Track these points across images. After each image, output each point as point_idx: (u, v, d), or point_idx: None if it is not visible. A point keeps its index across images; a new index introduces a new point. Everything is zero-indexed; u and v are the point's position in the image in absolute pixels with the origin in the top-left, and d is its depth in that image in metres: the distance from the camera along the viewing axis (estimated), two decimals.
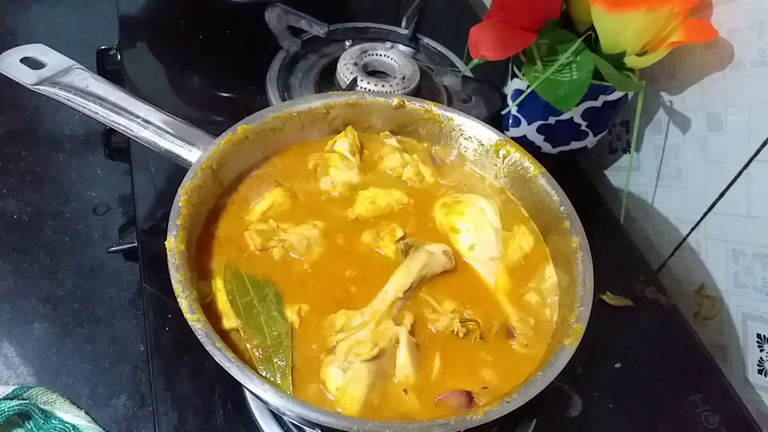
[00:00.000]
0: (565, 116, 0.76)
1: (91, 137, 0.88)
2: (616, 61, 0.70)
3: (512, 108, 0.78)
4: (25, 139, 0.87)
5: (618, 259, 0.75)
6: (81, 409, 0.62)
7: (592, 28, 0.70)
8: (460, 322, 0.51)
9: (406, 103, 0.64)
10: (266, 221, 0.56)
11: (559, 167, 0.61)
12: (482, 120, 0.64)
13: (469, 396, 0.47)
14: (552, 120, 0.77)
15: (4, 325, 0.68)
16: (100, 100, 0.61)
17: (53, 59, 0.64)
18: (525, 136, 0.80)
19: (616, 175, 0.87)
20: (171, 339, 0.60)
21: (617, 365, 0.65)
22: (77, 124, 0.89)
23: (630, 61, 0.69)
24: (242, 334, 0.48)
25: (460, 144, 0.65)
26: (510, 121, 0.81)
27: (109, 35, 0.91)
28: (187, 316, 0.44)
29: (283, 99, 0.82)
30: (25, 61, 0.63)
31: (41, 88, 0.62)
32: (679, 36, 0.65)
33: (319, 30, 0.88)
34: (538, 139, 0.81)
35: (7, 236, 0.76)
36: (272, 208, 0.57)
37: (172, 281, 0.46)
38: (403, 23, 0.96)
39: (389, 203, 0.60)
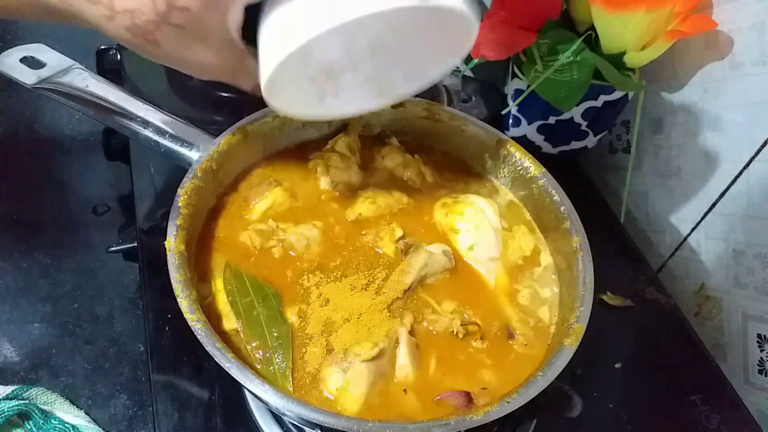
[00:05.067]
0: (565, 116, 0.76)
1: (90, 137, 0.88)
2: (617, 60, 0.69)
3: (512, 108, 0.78)
4: (25, 139, 0.87)
5: (618, 259, 0.75)
6: (81, 409, 0.62)
7: (593, 27, 0.69)
8: (462, 324, 0.51)
9: (406, 102, 0.64)
10: (266, 221, 0.56)
11: (560, 167, 0.61)
12: (482, 120, 0.64)
13: (468, 396, 0.47)
14: (552, 120, 0.77)
15: (4, 325, 0.68)
16: (100, 99, 0.61)
17: (53, 59, 0.64)
18: (525, 135, 0.80)
19: (617, 174, 0.87)
20: (171, 339, 0.60)
21: (617, 365, 0.65)
22: (77, 124, 0.89)
23: (630, 58, 0.69)
24: (242, 335, 0.48)
25: (460, 144, 0.65)
26: (510, 121, 0.81)
27: None
28: (187, 316, 0.44)
29: None
30: (24, 60, 0.63)
31: (41, 87, 0.61)
32: (678, 27, 0.65)
33: None
34: (539, 139, 0.81)
35: (7, 236, 0.76)
36: (272, 208, 0.57)
37: (172, 281, 0.46)
38: None
39: (389, 203, 0.60)
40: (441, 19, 0.43)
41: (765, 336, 0.66)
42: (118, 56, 0.87)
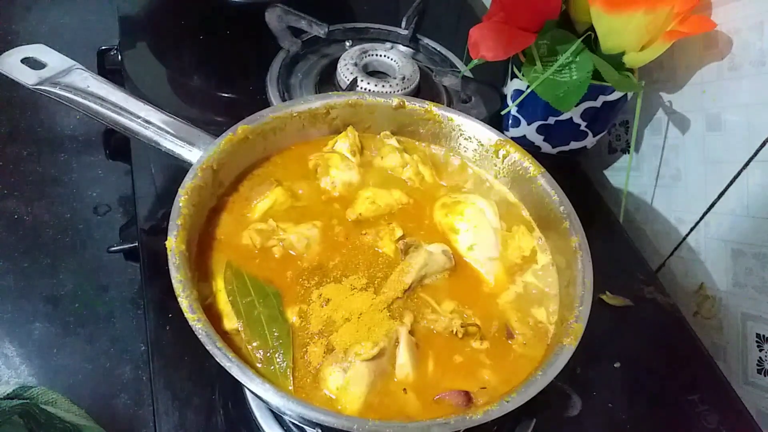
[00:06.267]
0: (564, 116, 0.76)
1: (91, 137, 0.88)
2: (616, 61, 0.70)
3: (512, 108, 0.78)
4: (26, 140, 0.87)
5: (617, 259, 0.75)
6: (82, 408, 0.62)
7: (592, 28, 0.70)
8: (462, 326, 0.51)
9: (406, 103, 0.64)
10: (266, 221, 0.56)
11: (559, 167, 0.61)
12: (482, 120, 0.64)
13: (468, 396, 0.48)
14: (551, 120, 0.77)
15: (5, 325, 0.68)
16: (101, 100, 0.61)
17: (54, 59, 0.64)
18: (525, 136, 0.81)
19: (616, 175, 0.87)
20: (172, 339, 0.60)
21: (616, 365, 0.65)
22: (78, 125, 0.89)
23: (629, 58, 0.69)
24: (243, 334, 0.48)
25: (460, 144, 0.65)
26: (510, 122, 0.81)
27: (110, 35, 0.91)
28: (188, 315, 0.45)
29: (283, 99, 0.82)
30: (25, 61, 0.63)
31: (42, 88, 0.62)
32: (677, 27, 0.65)
33: (319, 30, 0.88)
34: (538, 140, 0.81)
35: (8, 236, 0.77)
36: (273, 207, 0.57)
37: (173, 281, 0.46)
38: (403, 24, 0.96)
39: (389, 203, 0.60)
40: None
41: (764, 335, 0.66)
42: (119, 56, 0.87)
